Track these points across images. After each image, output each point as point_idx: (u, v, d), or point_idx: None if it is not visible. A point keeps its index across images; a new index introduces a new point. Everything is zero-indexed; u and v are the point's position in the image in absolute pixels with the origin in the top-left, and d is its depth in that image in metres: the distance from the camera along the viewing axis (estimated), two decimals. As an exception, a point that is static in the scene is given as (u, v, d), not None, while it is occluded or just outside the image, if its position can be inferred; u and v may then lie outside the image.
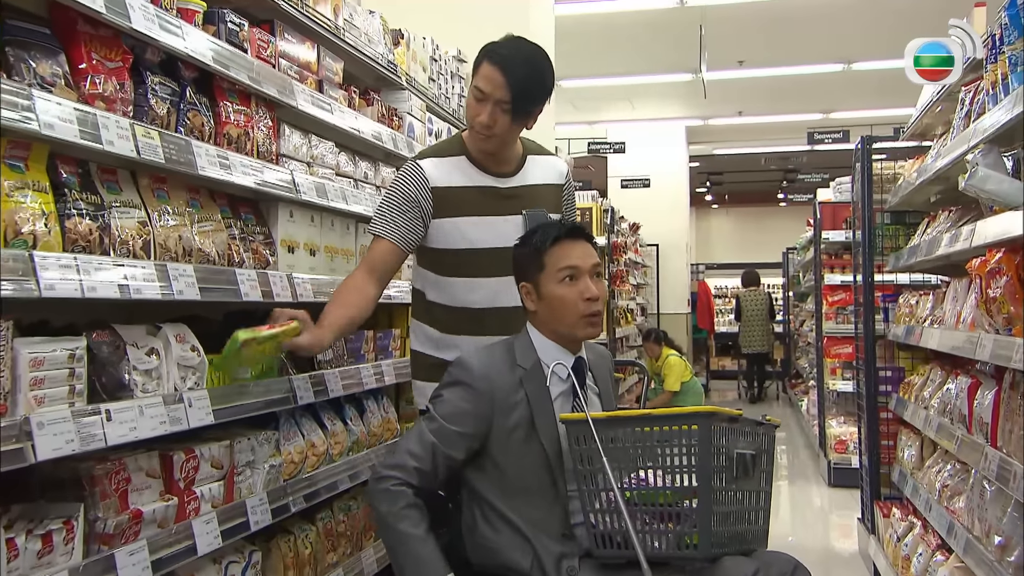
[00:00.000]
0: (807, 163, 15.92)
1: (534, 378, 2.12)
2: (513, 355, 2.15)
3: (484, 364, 2.11)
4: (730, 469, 1.95)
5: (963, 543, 2.74)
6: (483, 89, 2.32)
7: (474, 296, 2.45)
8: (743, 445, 2.00)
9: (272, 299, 2.30)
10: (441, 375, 2.25)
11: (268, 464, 2.31)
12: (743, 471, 1.98)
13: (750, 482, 2.02)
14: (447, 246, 2.44)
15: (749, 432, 2.04)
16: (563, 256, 2.13)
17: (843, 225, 6.80)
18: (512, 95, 2.31)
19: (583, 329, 2.14)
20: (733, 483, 1.97)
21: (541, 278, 2.14)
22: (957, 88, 3.19)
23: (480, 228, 2.43)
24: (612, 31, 9.09)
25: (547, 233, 2.17)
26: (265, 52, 2.39)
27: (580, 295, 2.11)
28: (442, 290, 2.48)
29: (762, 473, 2.08)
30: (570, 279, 2.11)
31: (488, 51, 2.36)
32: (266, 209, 2.49)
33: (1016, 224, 2.24)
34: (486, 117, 2.33)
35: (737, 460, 1.96)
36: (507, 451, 2.07)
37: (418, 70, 3.69)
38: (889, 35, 8.84)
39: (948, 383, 3.21)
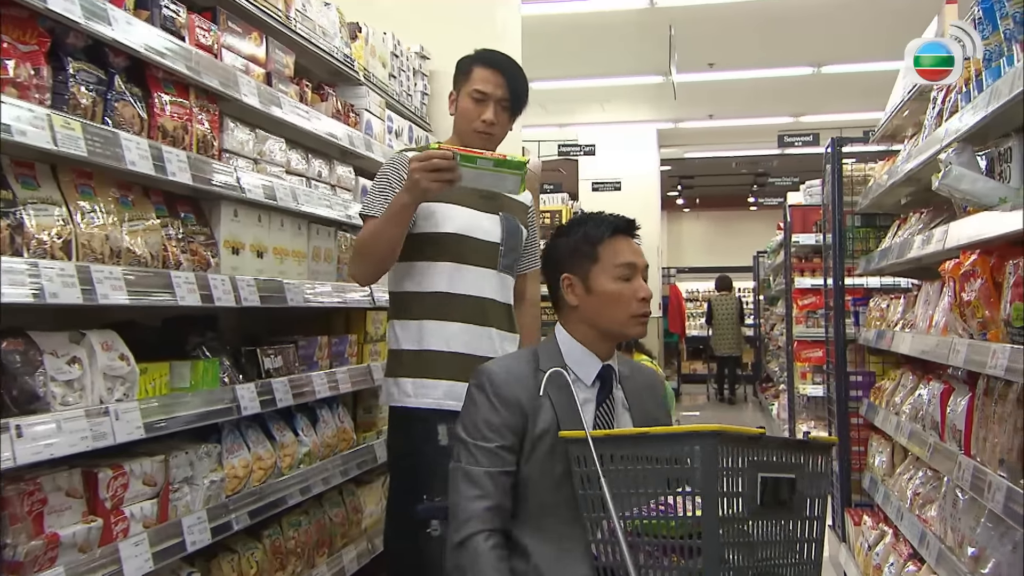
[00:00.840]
0: (777, 167, 15.96)
1: (559, 383, 1.92)
2: (536, 361, 1.99)
3: (506, 370, 1.96)
4: (753, 496, 1.67)
5: (936, 554, 2.66)
6: (484, 91, 2.49)
7: (461, 283, 2.49)
8: (773, 468, 1.71)
9: (212, 303, 2.16)
10: (419, 366, 2.41)
11: (208, 479, 2.17)
12: (773, 498, 1.70)
13: (786, 511, 1.73)
14: (434, 230, 2.48)
15: (783, 453, 1.75)
16: (621, 252, 1.99)
17: (813, 228, 6.76)
18: (511, 94, 2.51)
19: (634, 328, 2.00)
20: (760, 512, 1.69)
21: (593, 271, 1.98)
22: (929, 88, 3.12)
23: (465, 216, 2.50)
24: (582, 32, 9.01)
25: (602, 224, 2.02)
26: (206, 41, 2.25)
27: (635, 293, 1.98)
28: (430, 276, 2.49)
29: (807, 499, 1.78)
30: (626, 277, 1.98)
31: (479, 57, 2.54)
32: (208, 208, 2.35)
33: (990, 225, 2.16)
34: (491, 115, 2.49)
35: (763, 485, 1.68)
36: (531, 461, 1.89)
37: (377, 65, 3.57)
38: (859, 38, 8.86)
39: (920, 388, 3.14)
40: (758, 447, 1.69)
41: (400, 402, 2.49)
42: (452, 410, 2.41)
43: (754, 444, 1.68)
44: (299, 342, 2.75)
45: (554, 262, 2.06)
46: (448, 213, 2.48)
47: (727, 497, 1.64)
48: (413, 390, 2.46)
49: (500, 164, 2.24)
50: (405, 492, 2.46)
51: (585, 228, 2.02)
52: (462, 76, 2.55)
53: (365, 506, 3.16)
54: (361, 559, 3.06)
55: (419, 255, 2.49)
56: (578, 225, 2.05)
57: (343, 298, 2.98)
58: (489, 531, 1.82)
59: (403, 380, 2.49)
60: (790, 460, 1.74)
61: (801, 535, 1.76)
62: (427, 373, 2.46)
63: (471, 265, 2.50)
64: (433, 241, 2.47)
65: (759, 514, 1.68)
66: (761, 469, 1.67)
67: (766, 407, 11.11)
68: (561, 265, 2.03)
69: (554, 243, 2.08)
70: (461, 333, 2.48)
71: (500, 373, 1.95)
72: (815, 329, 6.33)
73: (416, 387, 2.46)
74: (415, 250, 2.48)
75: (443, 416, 2.43)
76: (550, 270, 2.07)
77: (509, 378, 1.93)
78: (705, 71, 10.42)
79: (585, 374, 1.99)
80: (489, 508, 1.84)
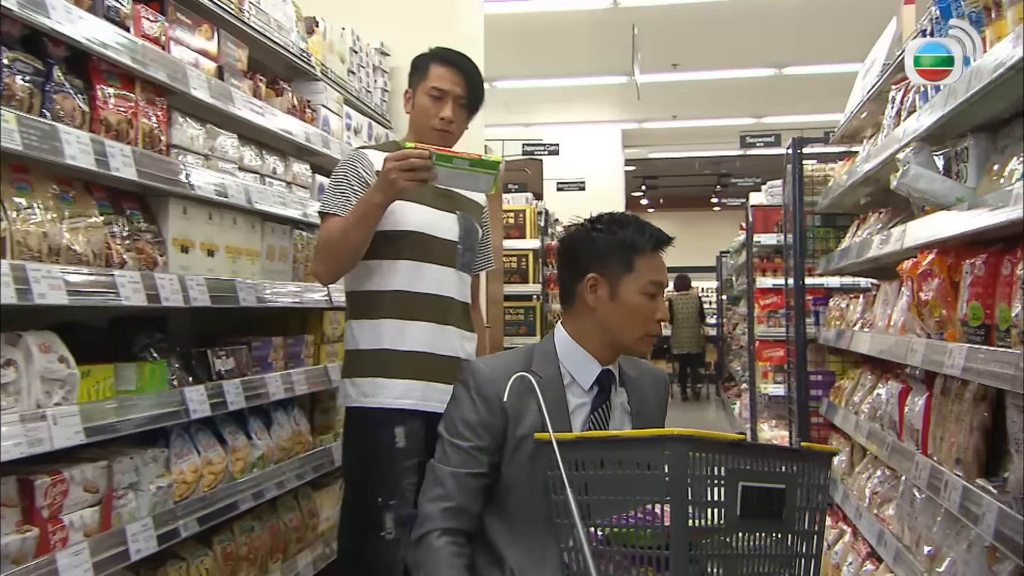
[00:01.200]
0: (740, 167, 16.09)
1: (550, 386, 1.88)
2: (530, 361, 1.93)
3: (492, 368, 1.90)
4: (732, 506, 1.57)
5: (893, 552, 2.66)
6: (442, 88, 2.48)
7: (422, 281, 2.46)
8: (759, 477, 1.62)
9: (159, 303, 2.09)
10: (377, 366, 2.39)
11: (155, 485, 2.10)
12: (759, 509, 1.60)
13: (776, 523, 1.64)
14: (393, 228, 2.44)
15: (773, 462, 1.66)
16: (656, 268, 1.92)
17: (775, 228, 6.79)
18: (468, 92, 2.52)
19: (644, 345, 1.94)
20: (743, 523, 1.59)
21: (625, 280, 1.90)
22: (887, 87, 3.14)
23: (424, 215, 2.48)
24: (545, 32, 8.99)
25: (645, 233, 1.93)
26: (153, 32, 2.18)
27: (654, 312, 1.91)
28: (391, 275, 2.46)
29: (802, 512, 1.67)
30: (652, 294, 1.91)
31: (437, 55, 2.53)
32: (155, 205, 2.28)
33: (948, 225, 2.16)
34: (449, 112, 2.48)
35: (745, 495, 1.58)
36: (513, 463, 1.85)
37: (335, 61, 3.50)
38: (820, 40, 8.95)
39: (879, 388, 3.15)
40: (739, 454, 1.60)
41: (356, 402, 2.44)
42: (410, 410, 2.41)
43: (734, 451, 1.59)
44: (252, 343, 2.68)
45: (580, 257, 1.95)
46: (407, 211, 2.46)
47: (700, 506, 1.56)
48: (370, 390, 2.41)
49: (476, 164, 2.25)
50: (360, 495, 2.42)
51: (627, 233, 1.92)
52: (419, 74, 2.53)
53: (322, 510, 3.10)
54: (317, 564, 2.99)
55: (378, 253, 2.45)
56: (618, 226, 1.94)
57: (299, 298, 2.92)
58: (443, 529, 1.81)
59: (360, 380, 2.44)
60: (781, 469, 1.65)
61: (796, 550, 1.67)
62: (385, 372, 2.42)
63: (431, 263, 2.47)
64: (392, 239, 2.44)
65: (742, 525, 1.59)
66: (743, 478, 1.58)
67: (728, 406, 11.19)
68: (589, 263, 1.93)
69: (585, 237, 1.96)
70: (421, 332, 2.44)
71: (485, 371, 1.89)
72: (776, 329, 6.36)
73: (373, 387, 2.41)
74: (374, 248, 2.45)
75: (400, 416, 2.40)
76: (571, 264, 1.96)
77: (494, 376, 1.86)
78: (668, 72, 10.48)
79: (582, 378, 1.93)
80: (447, 509, 1.82)
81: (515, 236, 7.72)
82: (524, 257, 7.72)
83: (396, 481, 2.37)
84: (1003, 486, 1.89)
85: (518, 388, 1.83)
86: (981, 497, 1.90)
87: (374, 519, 2.35)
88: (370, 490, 2.38)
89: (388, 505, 2.35)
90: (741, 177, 14.46)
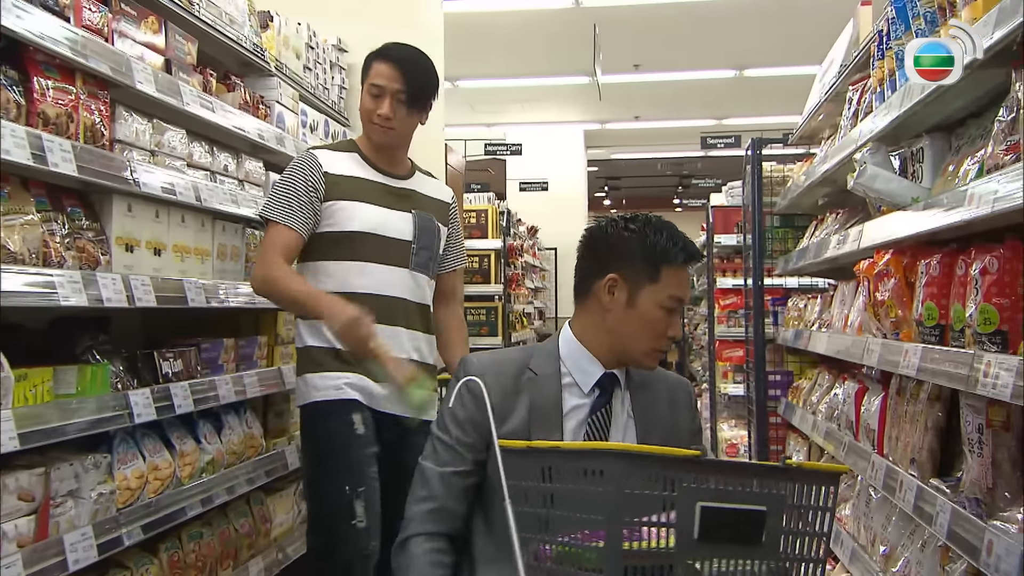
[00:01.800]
0: (701, 168, 16.21)
1: (544, 386, 1.81)
2: (527, 359, 1.85)
3: (484, 363, 1.83)
4: (687, 528, 1.40)
5: (849, 552, 2.67)
6: (379, 84, 2.47)
7: (362, 281, 2.45)
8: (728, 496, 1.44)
9: (101, 304, 2.01)
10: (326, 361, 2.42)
11: (96, 492, 2.03)
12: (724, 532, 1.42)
13: (754, 548, 1.44)
14: (339, 228, 2.47)
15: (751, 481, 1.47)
16: (680, 283, 1.81)
17: (735, 229, 6.82)
18: (406, 86, 2.47)
19: (650, 360, 1.83)
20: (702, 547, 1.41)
21: (647, 289, 1.78)
22: (844, 88, 3.15)
23: (372, 214, 2.49)
24: (508, 31, 8.96)
25: (677, 245, 1.80)
26: (96, 23, 2.10)
27: (668, 328, 1.81)
28: (329, 276, 2.46)
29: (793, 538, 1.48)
30: (670, 309, 1.80)
31: (377, 52, 2.52)
32: (98, 202, 2.20)
33: (903, 225, 2.16)
34: (386, 109, 2.46)
35: (706, 516, 1.40)
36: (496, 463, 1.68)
37: (290, 56, 3.44)
38: (779, 43, 9.02)
39: (836, 388, 3.17)
40: (701, 472, 1.43)
41: (311, 398, 2.46)
42: (361, 402, 2.43)
43: (690, 468, 1.42)
44: (202, 345, 2.61)
45: (605, 253, 1.84)
46: (354, 212, 2.47)
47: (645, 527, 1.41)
48: (320, 383, 2.44)
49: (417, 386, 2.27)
50: (327, 488, 2.41)
51: (660, 240, 1.80)
52: (364, 72, 2.54)
53: (275, 515, 3.03)
54: (270, 570, 2.92)
55: (323, 255, 2.48)
56: (652, 230, 1.81)
57: (252, 298, 2.84)
58: (428, 534, 1.76)
59: (311, 376, 2.47)
60: (761, 489, 1.47)
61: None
62: (331, 367, 2.44)
63: (378, 264, 2.47)
64: (337, 241, 2.46)
65: (705, 550, 1.41)
66: (704, 497, 1.41)
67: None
68: (612, 261, 1.81)
69: (614, 233, 1.84)
70: None
71: (476, 365, 1.82)
72: (736, 329, 6.39)
73: (323, 380, 2.44)
74: (319, 250, 2.47)
75: (354, 405, 2.43)
76: (594, 257, 1.86)
77: (485, 371, 1.78)
78: (630, 72, 10.50)
79: (583, 380, 1.83)
80: (432, 510, 1.77)
81: (477, 236, 7.68)
82: (486, 257, 7.67)
83: (360, 468, 2.39)
84: (956, 486, 1.89)
85: (509, 386, 1.79)
86: (935, 497, 1.90)
87: (344, 509, 2.35)
88: (336, 481, 2.37)
89: (357, 492, 2.36)
90: (702, 178, 14.57)
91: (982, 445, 1.78)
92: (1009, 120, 1.68)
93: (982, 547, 1.60)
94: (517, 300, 8.85)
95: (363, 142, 2.60)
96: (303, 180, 2.44)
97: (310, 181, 2.44)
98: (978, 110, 2.15)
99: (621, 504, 1.40)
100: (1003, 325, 1.65)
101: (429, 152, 3.96)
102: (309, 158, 2.50)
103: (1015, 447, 1.73)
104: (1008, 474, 1.73)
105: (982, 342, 1.70)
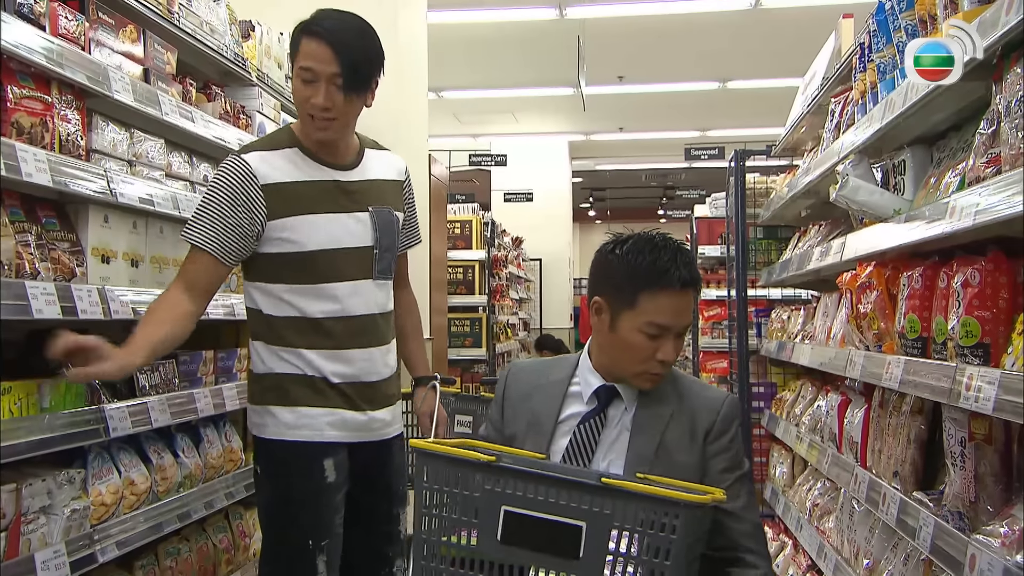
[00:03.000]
0: (685, 180, 16.29)
1: (548, 392, 1.89)
2: (552, 366, 1.97)
3: (515, 369, 2.00)
4: (490, 529, 1.45)
5: (832, 565, 2.66)
6: (310, 67, 2.09)
7: (325, 307, 2.20)
8: (544, 507, 1.43)
9: (76, 316, 1.98)
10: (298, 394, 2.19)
11: (70, 508, 1.99)
12: (530, 540, 1.43)
13: (569, 562, 1.42)
14: (291, 250, 2.18)
15: (566, 492, 1.43)
16: (661, 310, 1.77)
17: (718, 240, 6.84)
18: (343, 68, 2.08)
19: (641, 382, 1.83)
20: (506, 550, 1.44)
21: (625, 314, 1.79)
22: (827, 100, 3.16)
23: (327, 228, 2.20)
24: (492, 42, 8.98)
25: (659, 267, 1.77)
26: (72, 32, 2.08)
27: (654, 353, 1.78)
28: (288, 304, 2.21)
29: (625, 559, 1.41)
30: (653, 335, 1.78)
31: (305, 27, 2.11)
32: (74, 213, 2.17)
33: (886, 237, 2.16)
34: (321, 98, 2.09)
35: (509, 521, 1.44)
36: None
37: (272, 66, 3.41)
38: (762, 55, 9.08)
39: (819, 400, 3.16)
40: (513, 478, 1.45)
41: (280, 436, 2.20)
42: (337, 442, 2.22)
43: (492, 472, 1.46)
44: (180, 357, 2.57)
45: (593, 274, 1.88)
46: (306, 230, 2.18)
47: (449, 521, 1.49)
48: (295, 421, 2.19)
49: None
50: (286, 540, 2.19)
51: (641, 263, 1.78)
52: (292, 50, 2.14)
53: (254, 530, 2.99)
54: (250, 586, 2.89)
55: (278, 277, 2.20)
56: (635, 253, 1.80)
57: (233, 310, 2.81)
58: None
59: (279, 409, 2.20)
60: (583, 506, 1.43)
61: None
62: (310, 401, 2.20)
63: (340, 282, 2.22)
64: (290, 263, 2.18)
65: (510, 554, 1.44)
66: (512, 503, 1.44)
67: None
68: (599, 283, 1.85)
69: (602, 255, 1.87)
70: (338, 361, 2.22)
71: (507, 373, 2.00)
72: (720, 340, 6.40)
73: (298, 417, 2.19)
74: (273, 272, 2.20)
75: (329, 448, 2.21)
76: (589, 277, 1.90)
77: (508, 378, 1.97)
78: (615, 84, 10.54)
79: (585, 390, 1.88)
80: None
81: (461, 247, 7.67)
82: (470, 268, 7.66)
83: (328, 520, 2.19)
84: (939, 499, 1.89)
85: (524, 390, 1.93)
86: (918, 511, 1.89)
87: (305, 565, 2.15)
88: (300, 533, 2.16)
89: (320, 547, 2.16)
90: (686, 189, 14.63)
91: (964, 458, 1.78)
92: (990, 133, 1.68)
93: (965, 561, 1.59)
94: (501, 311, 8.84)
95: (302, 131, 2.23)
96: (231, 197, 2.12)
97: (240, 199, 2.12)
98: (959, 123, 2.16)
99: (422, 492, 1.50)
100: (985, 338, 1.64)
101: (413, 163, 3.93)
102: (239, 169, 2.14)
103: (997, 461, 1.73)
104: (991, 488, 1.72)
105: (964, 355, 1.69)
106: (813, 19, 6.08)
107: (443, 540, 1.49)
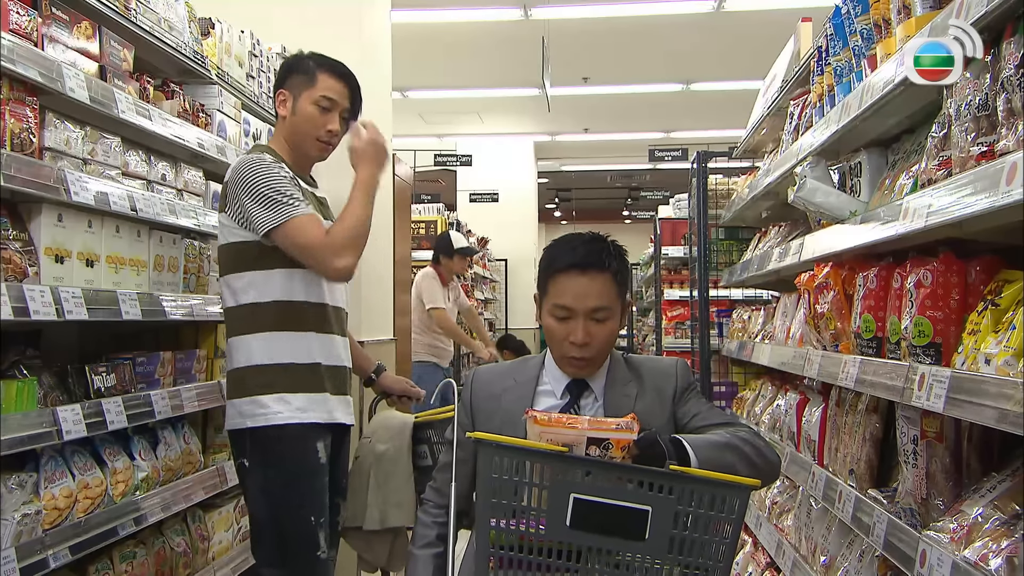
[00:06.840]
0: (649, 181, 16.41)
1: (517, 393, 1.98)
2: (517, 368, 2.06)
3: (480, 372, 2.06)
4: (559, 515, 1.56)
5: (791, 562, 2.69)
6: (334, 99, 2.45)
7: (309, 290, 2.41)
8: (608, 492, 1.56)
9: (28, 316, 1.94)
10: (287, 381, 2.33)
11: (20, 513, 1.95)
12: (599, 524, 1.55)
13: (636, 544, 1.55)
14: None
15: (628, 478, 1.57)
16: (562, 292, 1.90)
17: (682, 241, 6.90)
18: (352, 105, 2.51)
19: (566, 365, 1.96)
20: (574, 534, 1.56)
21: (544, 301, 1.97)
22: (786, 103, 3.20)
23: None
24: (457, 42, 8.96)
25: (560, 255, 1.93)
26: (24, 28, 2.03)
27: (566, 336, 1.91)
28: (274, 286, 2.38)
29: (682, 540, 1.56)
30: (560, 317, 1.92)
31: (326, 64, 2.48)
32: (26, 212, 2.13)
33: (842, 238, 2.19)
34: (336, 125, 2.46)
35: (579, 507, 1.55)
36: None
37: (233, 64, 3.37)
38: (725, 57, 9.17)
39: (778, 399, 3.20)
40: (578, 467, 1.57)
41: (270, 421, 2.32)
42: (326, 423, 2.38)
43: (559, 462, 1.57)
44: (137, 359, 2.53)
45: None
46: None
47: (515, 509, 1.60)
48: (281, 405, 2.33)
49: None
50: (290, 519, 2.32)
51: (550, 253, 1.96)
52: (305, 79, 2.46)
53: (213, 532, 2.95)
54: (209, 590, 2.85)
55: (261, 264, 2.38)
56: (554, 247, 1.98)
57: (191, 310, 2.78)
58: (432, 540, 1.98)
59: (265, 398, 2.32)
60: (647, 490, 1.56)
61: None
62: (290, 387, 2.35)
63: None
64: (274, 249, 2.35)
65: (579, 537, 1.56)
66: (579, 490, 1.56)
67: (639, 416, 11.28)
68: (537, 279, 2.03)
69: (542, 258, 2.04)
70: (318, 344, 2.42)
71: (472, 374, 2.07)
72: (683, 340, 6.45)
73: (283, 402, 2.33)
74: (255, 260, 2.37)
75: (320, 431, 2.37)
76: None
77: (475, 380, 2.04)
78: (579, 85, 10.58)
79: (556, 387, 1.99)
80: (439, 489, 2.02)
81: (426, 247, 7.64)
82: (435, 268, 7.59)
83: (324, 497, 2.37)
84: (893, 496, 1.92)
85: (492, 391, 2.00)
86: (872, 507, 1.92)
87: (310, 541, 2.31)
88: (301, 512, 2.32)
89: (320, 523, 2.33)
90: (651, 190, 14.74)
91: (916, 456, 1.81)
92: (941, 136, 1.71)
93: (916, 557, 1.61)
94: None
95: (283, 150, 2.50)
96: (287, 175, 2.36)
97: (289, 176, 2.38)
98: (912, 126, 2.20)
99: (489, 484, 1.59)
100: (936, 337, 1.67)
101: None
102: (270, 155, 2.42)
103: (948, 458, 1.76)
104: (942, 484, 1.75)
105: (917, 354, 1.72)
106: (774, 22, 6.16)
107: (510, 528, 1.60)
